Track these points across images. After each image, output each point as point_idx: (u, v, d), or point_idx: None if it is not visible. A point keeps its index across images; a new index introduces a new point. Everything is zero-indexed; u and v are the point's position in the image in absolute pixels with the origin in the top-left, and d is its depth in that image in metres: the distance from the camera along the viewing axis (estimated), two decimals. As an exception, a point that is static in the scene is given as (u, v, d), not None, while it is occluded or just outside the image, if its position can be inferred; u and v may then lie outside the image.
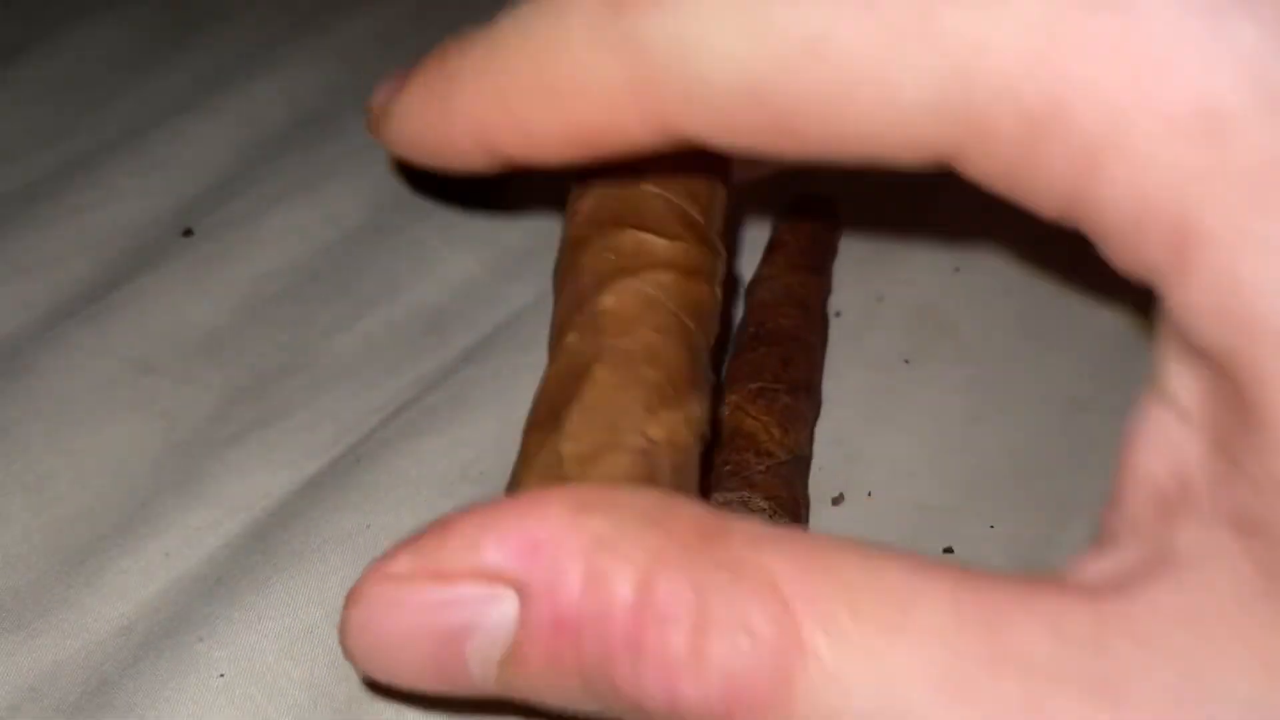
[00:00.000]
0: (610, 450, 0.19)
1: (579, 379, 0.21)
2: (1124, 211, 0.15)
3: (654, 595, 0.16)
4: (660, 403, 0.20)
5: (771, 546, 0.16)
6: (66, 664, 0.25)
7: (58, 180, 0.38)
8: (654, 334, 0.21)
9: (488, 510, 0.17)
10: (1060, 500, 0.28)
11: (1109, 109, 0.15)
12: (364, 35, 0.45)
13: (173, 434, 0.30)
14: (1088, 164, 0.15)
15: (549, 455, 0.20)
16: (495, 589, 0.17)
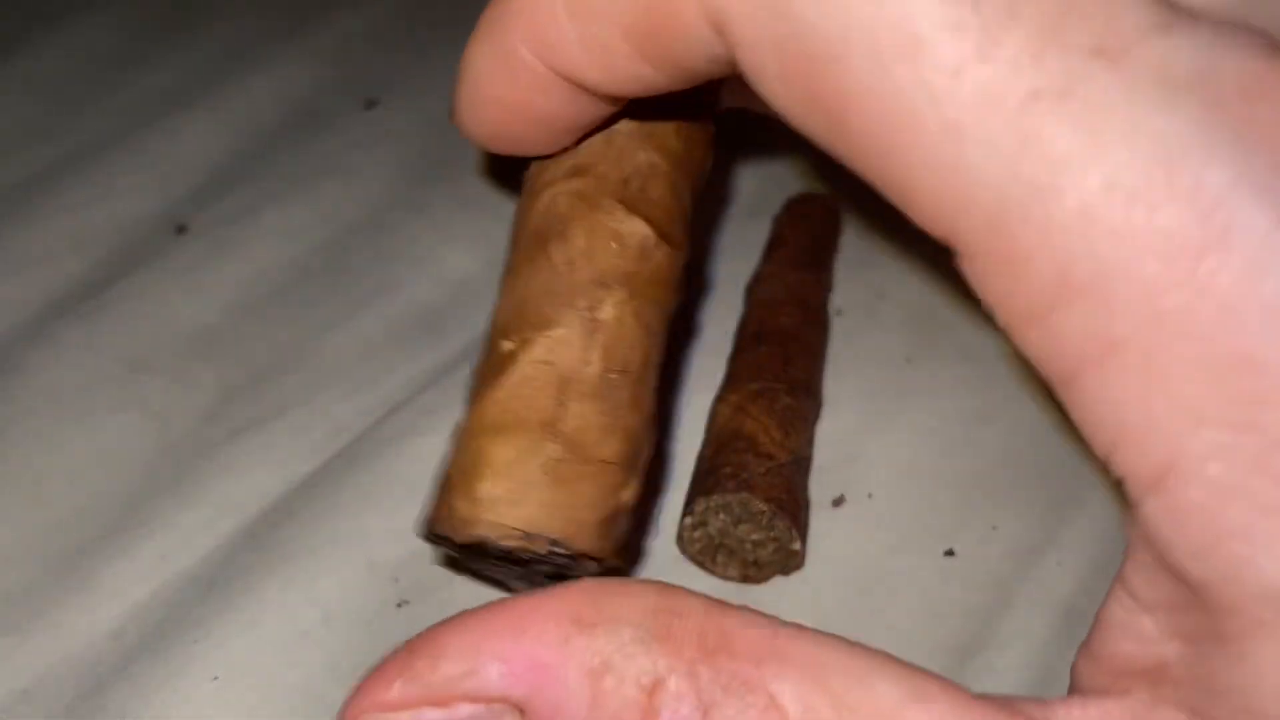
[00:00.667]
0: (586, 509, 0.20)
1: (562, 399, 0.21)
2: (1118, 414, 0.15)
3: (660, 718, 0.16)
4: (632, 465, 0.21)
5: (775, 665, 0.17)
6: (59, 667, 0.25)
7: (49, 178, 0.38)
8: (641, 367, 0.21)
9: (480, 624, 0.17)
10: (1061, 500, 0.28)
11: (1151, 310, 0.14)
12: (357, 31, 0.45)
13: (166, 434, 0.30)
14: (1100, 351, 0.15)
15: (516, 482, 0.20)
16: (495, 710, 0.17)
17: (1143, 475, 0.15)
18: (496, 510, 0.20)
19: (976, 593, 0.26)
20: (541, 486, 0.20)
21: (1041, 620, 0.26)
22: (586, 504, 0.20)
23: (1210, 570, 0.15)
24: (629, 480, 0.21)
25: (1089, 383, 0.15)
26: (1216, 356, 0.14)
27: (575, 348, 0.21)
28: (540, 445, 0.20)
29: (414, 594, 0.26)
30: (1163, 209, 0.14)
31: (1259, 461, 0.14)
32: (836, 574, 0.27)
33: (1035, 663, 0.25)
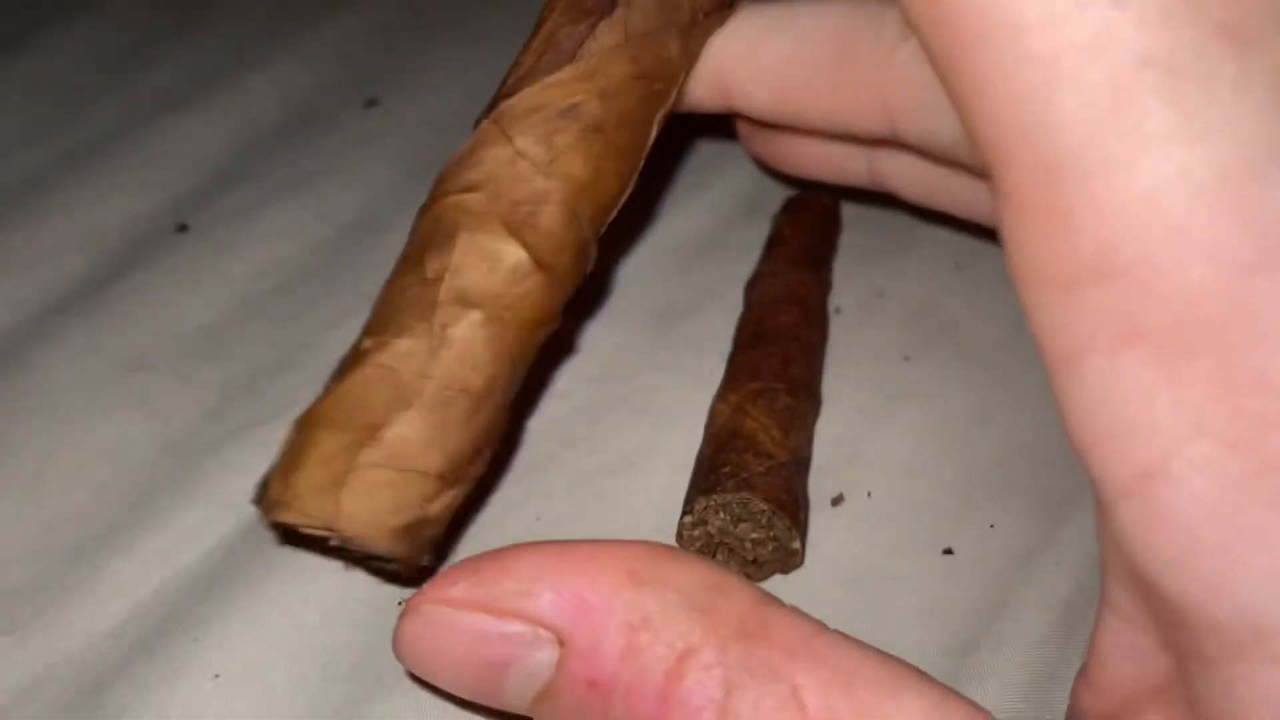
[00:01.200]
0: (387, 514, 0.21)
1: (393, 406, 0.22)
2: (1115, 407, 0.15)
3: (682, 684, 0.17)
4: (450, 480, 0.22)
5: (806, 660, 0.17)
6: (60, 665, 0.25)
7: (51, 176, 0.38)
8: (483, 388, 0.22)
9: (547, 556, 0.19)
10: (1060, 500, 0.28)
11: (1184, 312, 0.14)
12: (358, 29, 0.45)
13: (167, 432, 0.30)
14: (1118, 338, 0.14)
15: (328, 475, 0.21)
16: (540, 634, 0.18)
17: (1123, 477, 0.15)
18: (304, 500, 0.21)
19: (975, 592, 0.26)
20: (350, 486, 0.21)
21: (1040, 619, 0.26)
22: (390, 509, 0.21)
23: (1184, 586, 0.15)
24: (442, 493, 0.22)
25: (1096, 368, 0.15)
26: (1236, 372, 0.14)
27: (418, 360, 0.22)
28: (360, 446, 0.21)
29: (414, 592, 0.26)
30: (1226, 217, 0.13)
31: (1250, 482, 0.14)
32: (835, 573, 0.27)
33: (1034, 662, 0.25)
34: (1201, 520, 0.14)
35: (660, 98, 0.26)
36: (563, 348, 0.32)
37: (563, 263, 0.23)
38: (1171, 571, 0.15)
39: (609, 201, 0.25)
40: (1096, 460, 0.15)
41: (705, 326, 0.33)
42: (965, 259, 0.35)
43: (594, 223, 0.24)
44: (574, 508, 0.28)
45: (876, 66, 0.26)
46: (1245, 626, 0.14)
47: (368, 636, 0.25)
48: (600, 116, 0.24)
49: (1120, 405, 0.14)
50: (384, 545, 0.21)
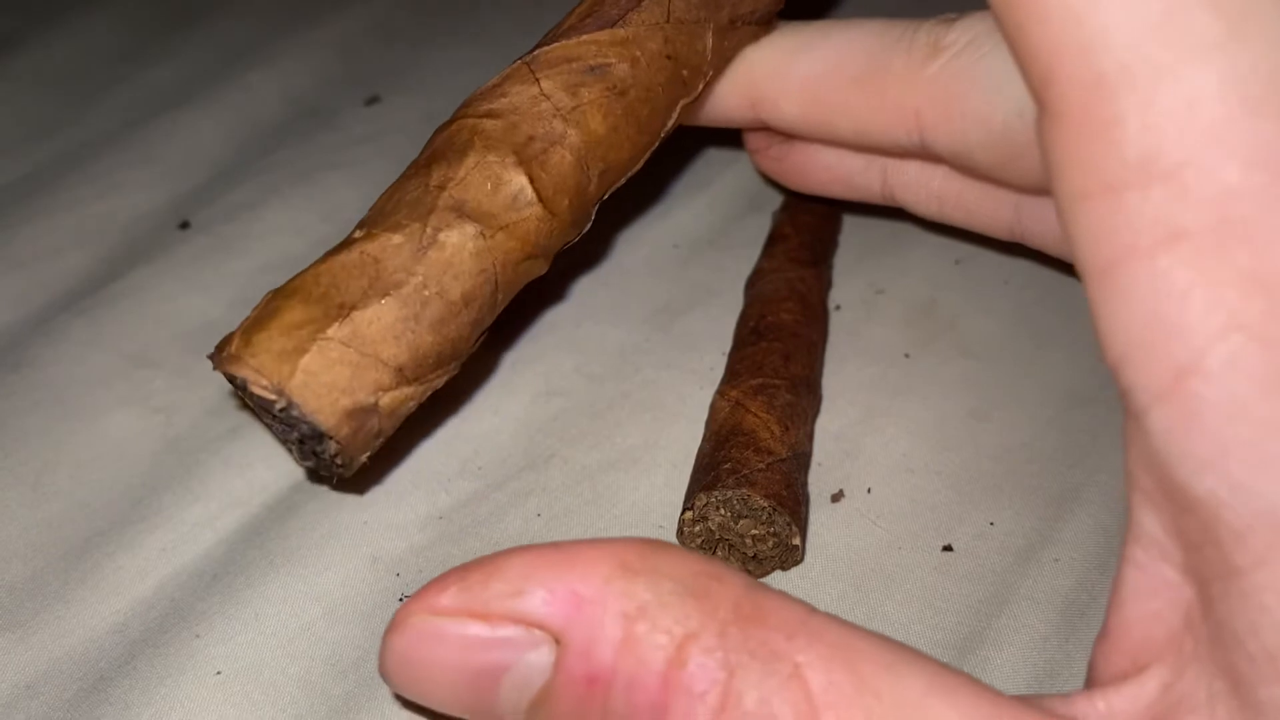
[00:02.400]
0: (339, 393, 0.22)
1: (369, 292, 0.22)
2: (1152, 308, 0.15)
3: (684, 670, 0.17)
4: (409, 377, 0.22)
5: (804, 639, 0.17)
6: (63, 661, 0.25)
7: (53, 173, 0.38)
8: (460, 299, 0.23)
9: (535, 556, 0.18)
10: (1059, 496, 0.28)
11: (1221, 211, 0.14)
12: (360, 28, 0.45)
13: (170, 428, 0.30)
14: (1159, 239, 0.15)
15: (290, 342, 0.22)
16: (534, 635, 0.18)
17: (1159, 379, 0.15)
18: (260, 359, 0.21)
19: (975, 588, 0.26)
20: (310, 355, 0.21)
21: (1039, 616, 0.26)
22: (343, 387, 0.21)
23: (1213, 487, 0.15)
24: (397, 388, 0.22)
25: (1135, 272, 0.15)
26: (1269, 269, 0.14)
27: (405, 254, 0.22)
28: (328, 321, 0.22)
29: (416, 588, 0.26)
30: (1265, 122, 0.14)
31: (1278, 379, 0.14)
32: (835, 569, 0.27)
33: (1033, 658, 0.25)
34: (1233, 417, 0.14)
35: (685, 86, 0.26)
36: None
37: (562, 205, 0.24)
38: (1203, 473, 0.15)
39: (618, 167, 0.25)
40: (1132, 367, 0.15)
41: (706, 323, 0.33)
42: (965, 256, 0.35)
43: (600, 182, 0.25)
44: (574, 504, 0.28)
45: (908, 80, 0.27)
46: (1272, 527, 0.14)
47: (369, 633, 0.26)
48: (627, 82, 0.25)
49: (1158, 307, 0.15)
50: (329, 421, 0.21)
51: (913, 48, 0.27)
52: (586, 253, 0.35)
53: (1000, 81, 0.25)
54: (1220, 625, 0.16)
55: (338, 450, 0.22)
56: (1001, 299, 0.34)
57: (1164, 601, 0.17)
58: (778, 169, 0.33)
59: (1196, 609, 0.16)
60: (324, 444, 0.22)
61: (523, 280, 0.25)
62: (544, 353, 0.32)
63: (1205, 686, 0.16)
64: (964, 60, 0.26)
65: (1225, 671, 0.16)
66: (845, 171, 0.32)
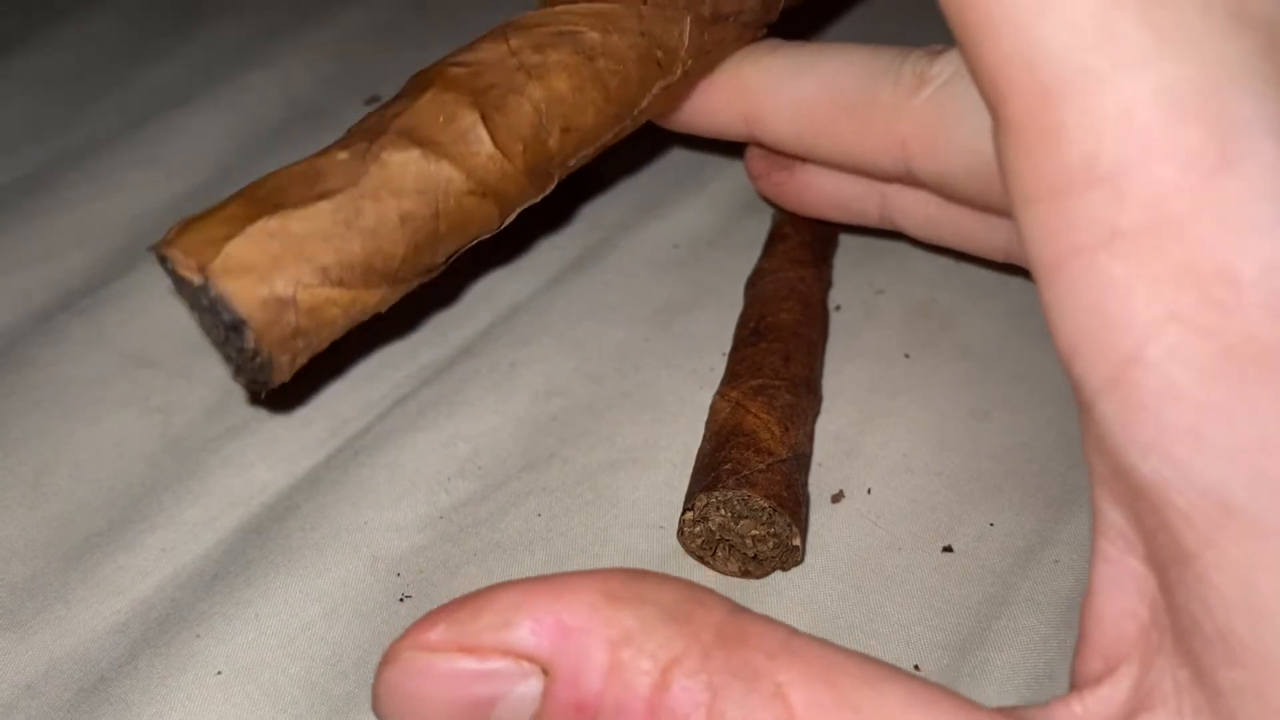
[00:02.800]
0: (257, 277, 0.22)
1: (307, 197, 0.23)
2: (1096, 304, 0.16)
3: (669, 693, 0.17)
4: (332, 280, 0.23)
5: (785, 658, 0.17)
6: (63, 661, 0.25)
7: (54, 173, 0.38)
8: (396, 217, 0.24)
9: (522, 588, 0.18)
10: (1059, 497, 0.28)
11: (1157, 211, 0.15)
12: (361, 28, 0.45)
13: (169, 428, 0.30)
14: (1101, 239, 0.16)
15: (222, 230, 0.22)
16: (523, 666, 0.18)
17: (1104, 369, 0.16)
18: (189, 242, 0.22)
19: (975, 589, 0.26)
20: (235, 240, 0.22)
21: (1039, 617, 0.26)
22: (263, 274, 0.22)
23: (1157, 468, 0.16)
24: (320, 285, 0.23)
25: (1079, 269, 0.16)
26: (1200, 263, 0.15)
27: (347, 168, 0.24)
28: (260, 215, 0.22)
29: (416, 588, 0.26)
30: (1193, 125, 0.15)
31: (1214, 365, 0.15)
32: (835, 570, 0.27)
33: (1033, 660, 0.25)
34: (1172, 403, 0.15)
35: (660, 68, 0.27)
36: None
37: (515, 150, 0.25)
38: (1147, 458, 0.16)
39: (581, 130, 0.26)
40: (1080, 359, 0.16)
41: (706, 323, 0.33)
42: (964, 257, 0.35)
43: (561, 141, 0.26)
44: (574, 504, 0.28)
45: (895, 109, 0.27)
46: (1214, 507, 0.15)
47: (370, 633, 0.26)
48: (596, 50, 0.26)
49: (1101, 302, 0.16)
50: (243, 305, 0.22)
51: (900, 78, 0.28)
52: (586, 252, 0.35)
53: (982, 113, 0.26)
54: (1179, 612, 0.16)
55: (255, 341, 0.23)
56: (1001, 299, 0.34)
57: (1133, 595, 0.17)
58: (777, 193, 0.33)
59: (1160, 600, 0.17)
60: (244, 335, 0.23)
61: (469, 219, 0.25)
62: (544, 353, 0.32)
63: (1170, 677, 0.17)
64: (948, 92, 0.27)
65: (1188, 660, 0.16)
66: (843, 197, 0.32)
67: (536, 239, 0.36)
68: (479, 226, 0.25)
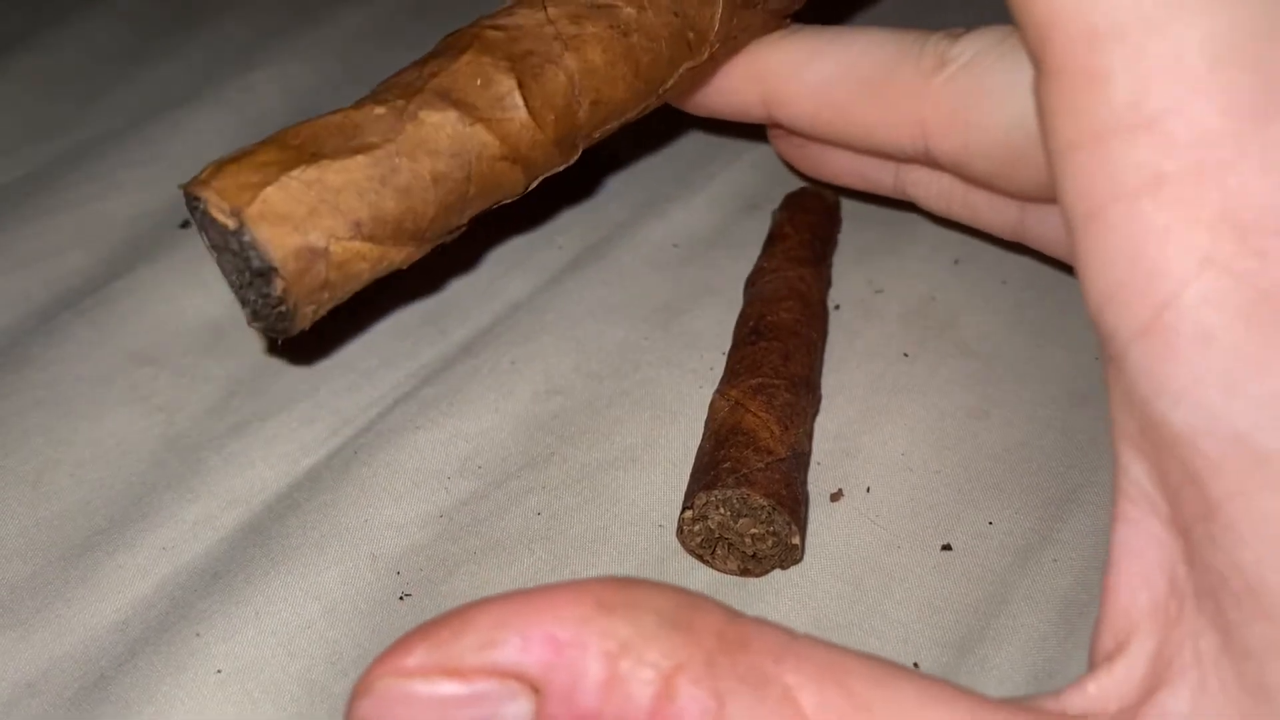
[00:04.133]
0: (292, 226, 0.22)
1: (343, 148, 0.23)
2: (1133, 250, 0.16)
3: (674, 703, 0.17)
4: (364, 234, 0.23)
5: (792, 661, 0.17)
6: (64, 659, 0.25)
7: (55, 172, 0.38)
8: (429, 176, 0.24)
9: (505, 603, 0.17)
10: (1058, 496, 0.28)
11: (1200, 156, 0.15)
12: (362, 27, 0.45)
13: (171, 427, 0.30)
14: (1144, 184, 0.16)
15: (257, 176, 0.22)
16: (511, 686, 0.17)
17: (1138, 316, 0.16)
18: (224, 184, 0.22)
19: (974, 588, 0.26)
20: (271, 187, 0.22)
21: (1038, 616, 0.26)
22: (297, 223, 0.22)
23: (1188, 417, 0.16)
24: (351, 240, 0.23)
25: (1118, 215, 0.16)
26: (1240, 209, 0.15)
27: (384, 124, 0.23)
28: (296, 164, 0.22)
29: (416, 587, 0.27)
30: (1240, 72, 0.15)
31: (1249, 311, 0.15)
32: (835, 568, 0.27)
33: (1032, 658, 0.25)
34: (1206, 348, 0.15)
35: (690, 49, 0.27)
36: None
37: (547, 119, 0.25)
38: (1178, 406, 0.16)
39: (610, 104, 0.26)
40: (1113, 308, 0.16)
41: (705, 322, 0.33)
42: (964, 256, 0.35)
43: (590, 114, 0.26)
44: (574, 502, 0.28)
45: (915, 91, 0.27)
46: (1244, 455, 0.15)
47: (370, 631, 0.26)
48: (631, 25, 0.26)
49: (1139, 248, 0.16)
50: (278, 252, 0.22)
51: (920, 60, 0.28)
52: (586, 251, 0.35)
53: (1002, 96, 0.26)
54: (1204, 570, 0.16)
55: (283, 289, 0.22)
56: (1000, 298, 0.34)
57: (1151, 564, 0.17)
58: (797, 154, 0.34)
59: (1182, 566, 0.17)
60: (271, 283, 0.22)
61: (497, 184, 0.25)
62: (544, 351, 0.32)
63: (1191, 648, 0.16)
64: (968, 74, 0.27)
65: (1213, 623, 0.16)
66: (860, 164, 0.32)
67: (537, 239, 0.36)
68: (505, 191, 0.26)
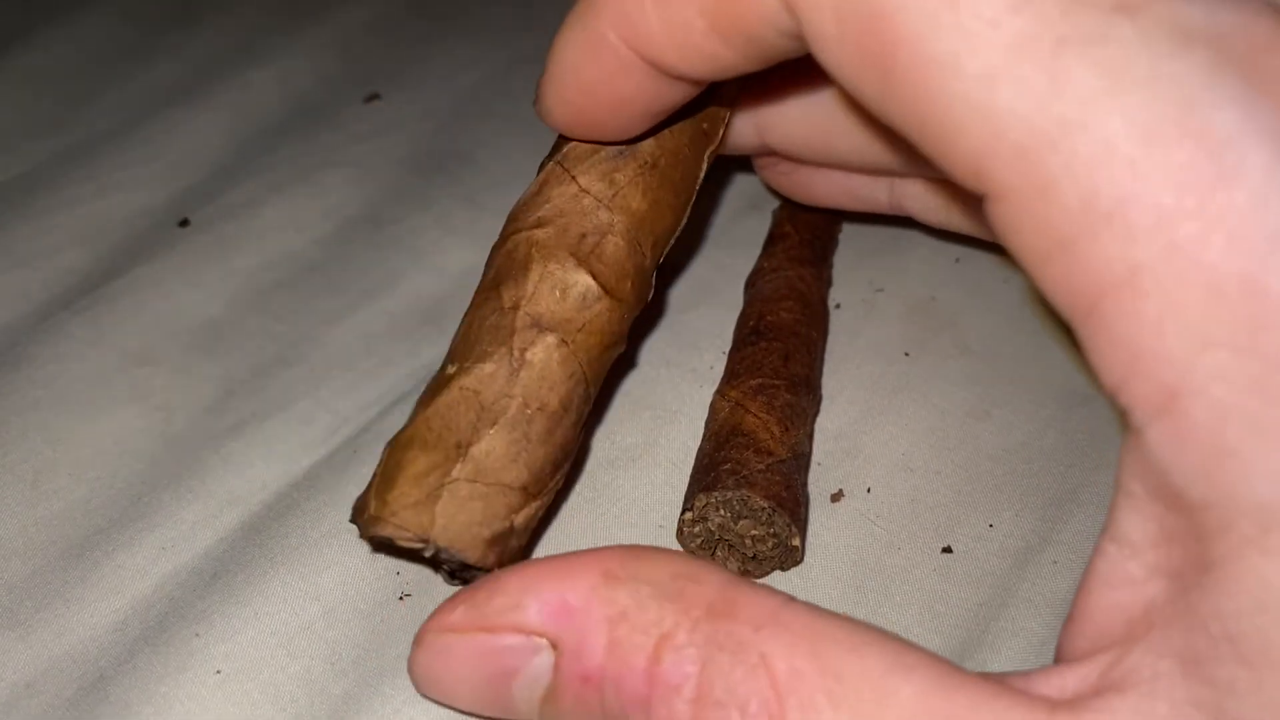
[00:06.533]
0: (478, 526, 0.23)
1: (479, 425, 0.23)
2: (1133, 339, 0.16)
3: (661, 665, 0.19)
4: (533, 492, 0.24)
5: (771, 630, 0.19)
6: (63, 660, 0.25)
7: (53, 171, 0.38)
8: (559, 407, 0.24)
9: (531, 570, 0.20)
10: (1058, 497, 0.28)
11: (1166, 239, 0.15)
12: (360, 25, 0.45)
13: (169, 427, 0.30)
14: (1121, 278, 0.16)
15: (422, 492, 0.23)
16: (534, 641, 0.20)
17: (1151, 400, 0.16)
18: (400, 515, 0.23)
19: (974, 590, 0.26)
20: (443, 500, 0.23)
21: (1038, 618, 0.26)
22: (480, 521, 0.23)
23: (1207, 490, 0.16)
24: (526, 505, 0.23)
25: (1108, 310, 0.16)
26: (1223, 282, 0.15)
27: (499, 381, 0.24)
28: (450, 464, 0.23)
29: (416, 587, 0.26)
30: (1178, 146, 0.15)
31: (1258, 383, 0.15)
32: (835, 570, 0.27)
33: (1031, 660, 0.25)
34: (1222, 425, 0.15)
35: (708, 137, 0.27)
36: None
37: (626, 289, 0.25)
38: (1195, 482, 0.16)
39: (666, 232, 0.26)
40: (1127, 392, 0.16)
41: (706, 322, 0.33)
42: (964, 255, 0.35)
43: (654, 251, 0.26)
44: (574, 502, 0.28)
45: None
46: (1253, 523, 0.15)
47: (369, 631, 0.26)
48: (655, 154, 0.26)
49: (1138, 339, 0.16)
50: (475, 555, 0.23)
51: None
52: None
53: None
54: (1186, 611, 0.17)
55: (485, 566, 0.24)
56: (1001, 297, 0.34)
57: (1126, 594, 0.18)
58: (785, 183, 0.34)
59: (1159, 602, 0.17)
60: (471, 568, 0.24)
61: (608, 366, 0.26)
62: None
63: (1151, 665, 0.17)
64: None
65: (1179, 653, 0.17)
66: (852, 184, 0.33)
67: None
68: (612, 359, 0.26)
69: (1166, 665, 0.17)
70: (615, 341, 0.25)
